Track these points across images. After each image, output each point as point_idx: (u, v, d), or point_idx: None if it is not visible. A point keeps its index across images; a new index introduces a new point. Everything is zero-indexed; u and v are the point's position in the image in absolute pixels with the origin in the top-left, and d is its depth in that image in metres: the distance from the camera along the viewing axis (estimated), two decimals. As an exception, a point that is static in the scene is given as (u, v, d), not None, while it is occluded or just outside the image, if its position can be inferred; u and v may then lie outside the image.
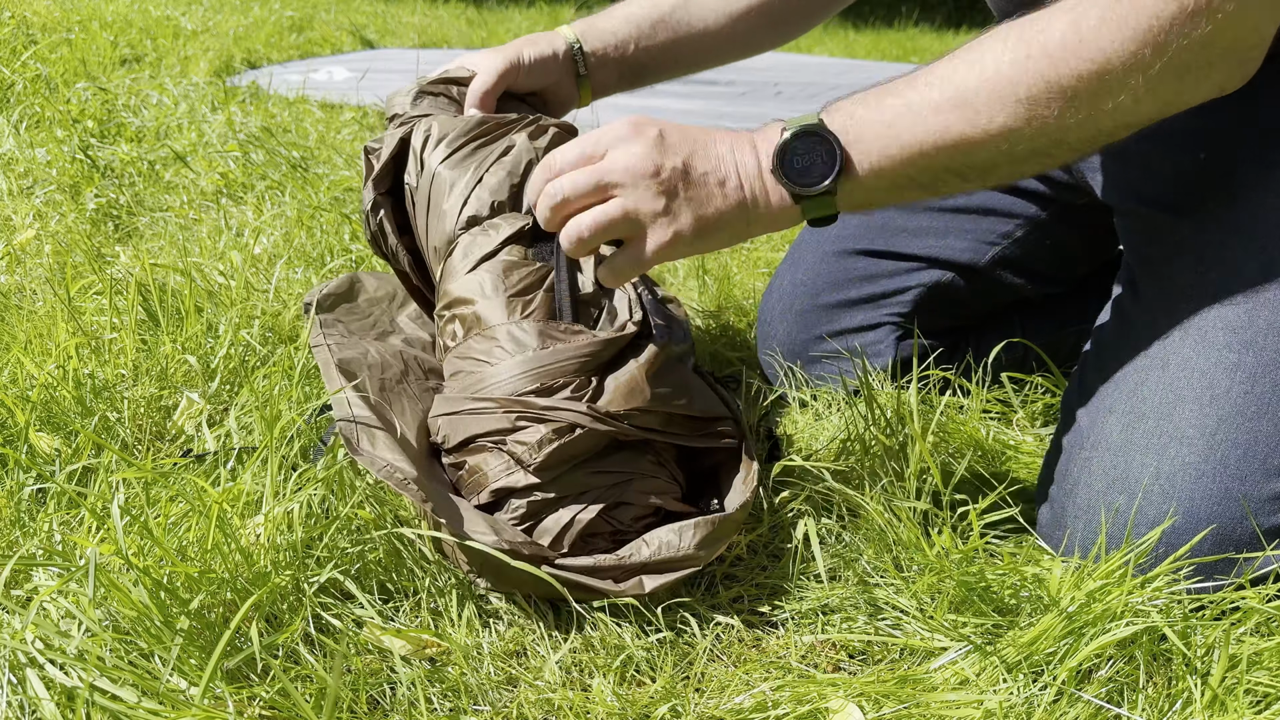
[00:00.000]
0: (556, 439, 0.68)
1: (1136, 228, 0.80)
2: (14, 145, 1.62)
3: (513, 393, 0.71)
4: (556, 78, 0.91)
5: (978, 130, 0.62)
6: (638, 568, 0.66)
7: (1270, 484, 0.65)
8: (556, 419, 0.69)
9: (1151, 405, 0.69)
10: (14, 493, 0.70)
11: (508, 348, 0.73)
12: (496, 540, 0.64)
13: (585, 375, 0.71)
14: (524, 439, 0.69)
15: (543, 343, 0.73)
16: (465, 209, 0.79)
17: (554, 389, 0.70)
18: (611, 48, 0.91)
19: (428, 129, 0.83)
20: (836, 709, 0.58)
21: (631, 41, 0.92)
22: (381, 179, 0.84)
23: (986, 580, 0.65)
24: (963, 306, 0.99)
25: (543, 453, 0.68)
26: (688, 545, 0.67)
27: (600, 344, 0.73)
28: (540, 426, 0.69)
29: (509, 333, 0.74)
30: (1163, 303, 0.72)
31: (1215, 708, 0.57)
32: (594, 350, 0.72)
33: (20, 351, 0.86)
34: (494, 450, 0.70)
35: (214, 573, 0.61)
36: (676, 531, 0.67)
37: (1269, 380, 0.66)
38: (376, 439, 0.68)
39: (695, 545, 0.67)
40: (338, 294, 0.93)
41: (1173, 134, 0.78)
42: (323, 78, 2.64)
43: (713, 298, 1.24)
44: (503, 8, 5.63)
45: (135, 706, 0.52)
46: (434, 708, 0.58)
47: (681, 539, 0.67)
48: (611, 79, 0.93)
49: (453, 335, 0.77)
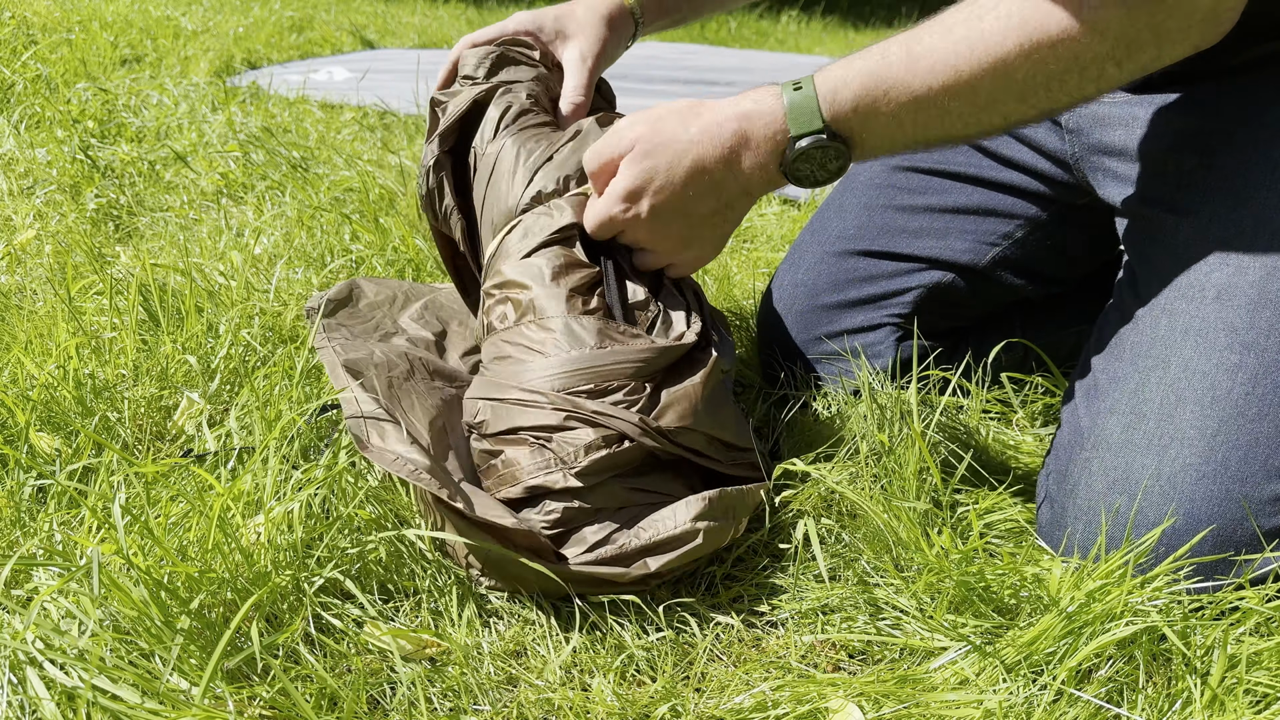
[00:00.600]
0: (605, 447, 0.67)
1: (1138, 228, 0.80)
2: (14, 145, 1.62)
3: (564, 389, 0.69)
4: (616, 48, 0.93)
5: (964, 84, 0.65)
6: (639, 552, 0.66)
7: (1270, 485, 0.65)
8: (607, 425, 0.68)
9: (1152, 406, 0.69)
10: (14, 493, 0.70)
11: (564, 341, 0.72)
12: (516, 521, 0.63)
13: (640, 381, 0.70)
14: (571, 440, 0.68)
15: (600, 342, 0.71)
16: (532, 185, 0.78)
17: (607, 391, 0.69)
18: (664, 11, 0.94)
19: (508, 103, 0.82)
20: (836, 709, 0.58)
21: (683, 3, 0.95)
22: (447, 136, 0.82)
23: (986, 580, 0.65)
24: (963, 307, 0.99)
25: (588, 459, 0.67)
26: (683, 521, 0.66)
27: (658, 350, 0.71)
28: (589, 430, 0.68)
29: (567, 326, 0.72)
30: (1164, 302, 0.72)
31: (1215, 708, 0.57)
32: (651, 356, 0.71)
33: (20, 351, 0.86)
34: (535, 446, 0.69)
35: (214, 573, 0.61)
36: (671, 512, 0.67)
37: (1270, 382, 0.66)
38: (386, 433, 0.68)
39: (691, 519, 0.66)
40: (338, 300, 0.92)
41: (1176, 134, 0.78)
42: (323, 78, 2.63)
43: (713, 298, 1.24)
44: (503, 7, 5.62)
45: (136, 706, 0.52)
46: (434, 707, 0.58)
47: (677, 517, 0.67)
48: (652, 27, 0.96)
49: (502, 317, 0.76)
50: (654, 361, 0.71)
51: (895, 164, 1.00)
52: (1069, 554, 0.70)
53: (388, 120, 2.17)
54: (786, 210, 1.59)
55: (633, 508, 0.68)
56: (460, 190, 0.84)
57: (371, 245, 1.27)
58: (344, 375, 0.75)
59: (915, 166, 0.99)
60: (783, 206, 1.61)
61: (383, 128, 2.11)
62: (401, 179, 1.58)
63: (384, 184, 1.52)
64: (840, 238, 1.00)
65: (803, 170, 0.71)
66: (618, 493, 0.68)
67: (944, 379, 0.93)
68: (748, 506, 0.71)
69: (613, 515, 0.68)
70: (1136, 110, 0.81)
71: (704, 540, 0.66)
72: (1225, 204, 0.72)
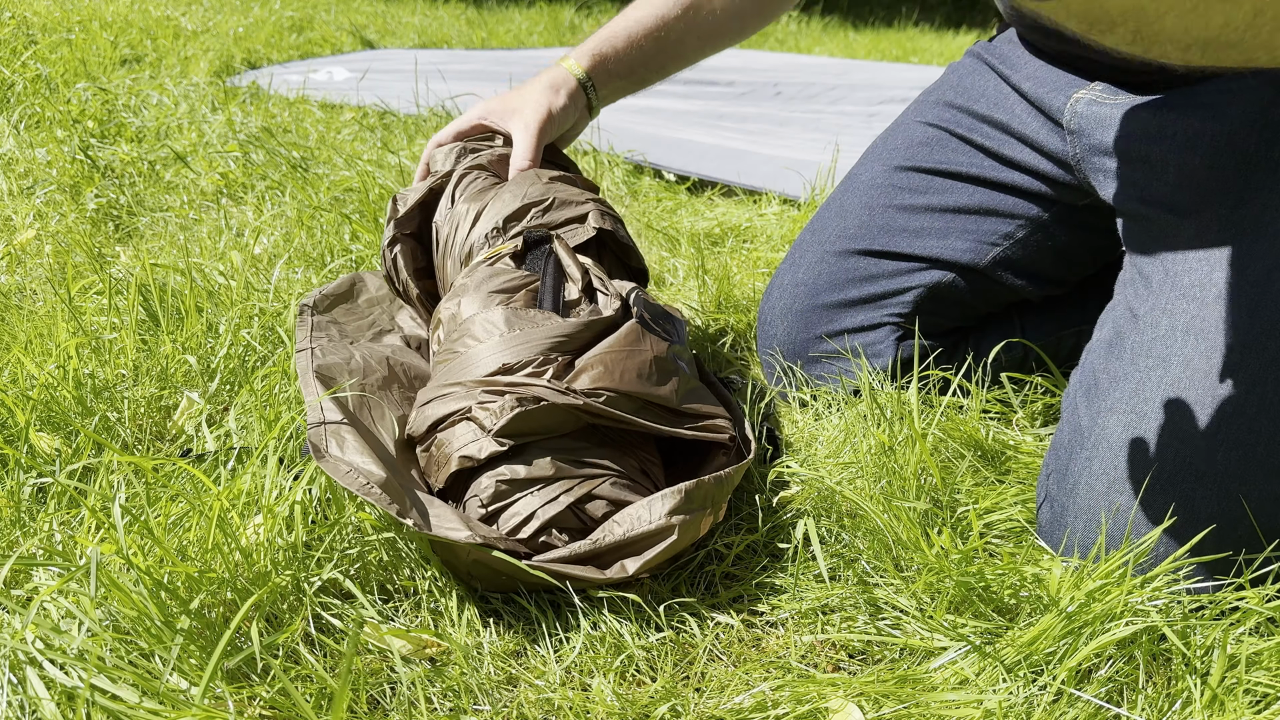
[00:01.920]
0: (519, 406, 0.67)
1: (1140, 228, 0.80)
2: (14, 145, 1.62)
3: (481, 375, 0.70)
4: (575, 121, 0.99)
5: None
6: (614, 549, 0.65)
7: (1271, 485, 0.65)
8: (520, 392, 0.68)
9: (1153, 405, 0.69)
10: (14, 493, 0.70)
11: (479, 335, 0.73)
12: (470, 534, 0.63)
13: (556, 355, 0.71)
14: (489, 408, 0.68)
15: (511, 327, 0.72)
16: (477, 227, 0.85)
17: (523, 368, 0.70)
18: (620, 78, 0.99)
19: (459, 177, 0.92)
20: (836, 709, 0.58)
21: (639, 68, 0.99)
22: (406, 221, 0.92)
23: (986, 580, 0.65)
24: (963, 307, 0.99)
25: (505, 418, 0.67)
26: (658, 516, 0.65)
27: (575, 326, 0.72)
28: (506, 398, 0.68)
29: (482, 320, 0.74)
30: (1164, 302, 0.72)
31: (1214, 707, 0.57)
32: (569, 332, 0.71)
33: (20, 351, 0.86)
34: (461, 423, 0.69)
35: (214, 573, 0.61)
36: (646, 505, 0.66)
37: (1270, 381, 0.66)
38: (346, 443, 0.67)
39: (666, 514, 0.65)
40: (336, 295, 0.92)
41: (1179, 134, 0.78)
42: (323, 78, 2.63)
43: (713, 298, 1.24)
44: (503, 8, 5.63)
45: (135, 706, 0.52)
46: (434, 707, 0.58)
47: (651, 512, 0.66)
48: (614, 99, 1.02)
49: (439, 340, 0.78)
50: (575, 336, 0.72)
51: (897, 164, 1.00)
52: (1069, 554, 0.70)
53: (388, 120, 2.17)
54: (786, 210, 1.59)
55: (567, 480, 0.67)
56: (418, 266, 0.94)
57: (371, 245, 1.27)
58: (313, 382, 0.74)
59: (917, 166, 0.99)
60: (783, 206, 1.61)
61: (383, 128, 2.11)
62: (402, 179, 1.58)
63: (384, 184, 1.52)
64: (841, 237, 1.00)
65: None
66: (550, 463, 0.67)
67: (944, 379, 0.93)
68: (726, 492, 0.70)
69: (545, 486, 0.67)
70: (1137, 111, 0.82)
71: (679, 536, 0.66)
72: (1226, 204, 0.72)
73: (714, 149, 1.91)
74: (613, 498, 0.68)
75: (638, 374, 0.72)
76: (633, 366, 0.72)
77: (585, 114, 0.99)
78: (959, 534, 0.73)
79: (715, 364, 1.09)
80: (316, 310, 0.88)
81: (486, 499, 0.67)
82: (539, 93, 0.95)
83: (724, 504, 0.71)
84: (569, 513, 0.67)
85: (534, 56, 3.66)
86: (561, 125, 0.96)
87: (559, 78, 0.96)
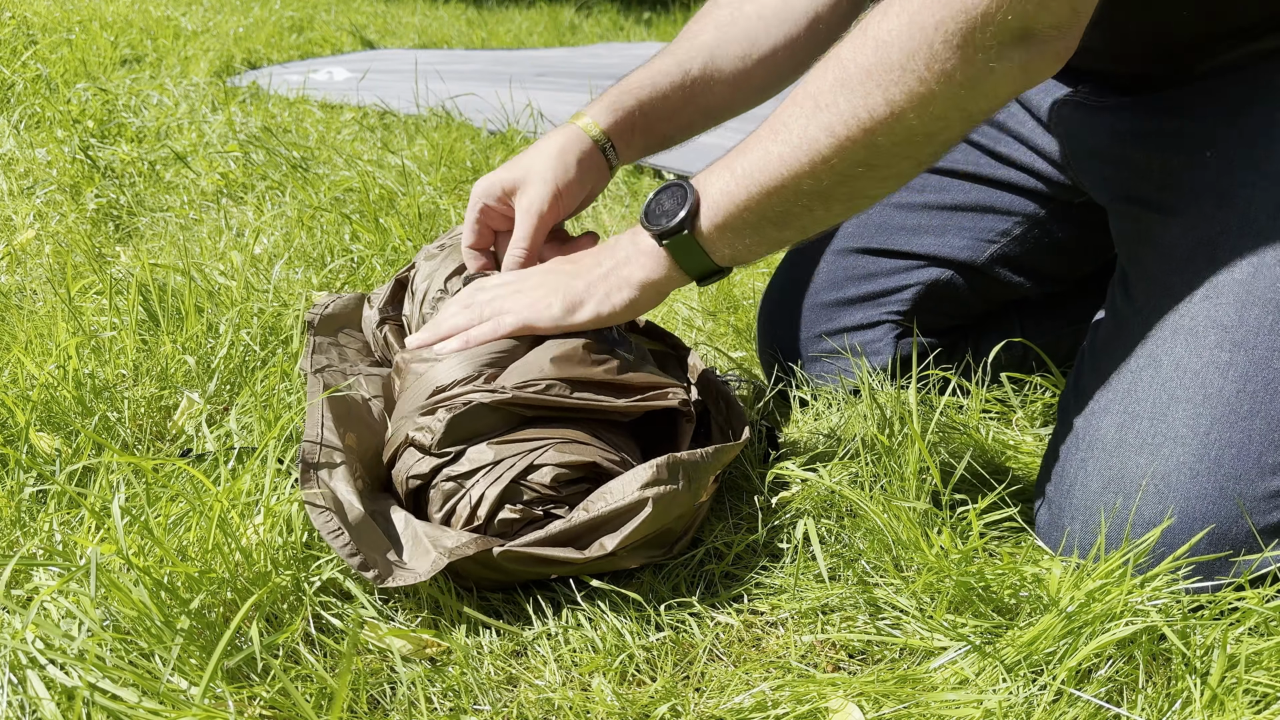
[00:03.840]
0: (450, 413, 0.68)
1: (1128, 228, 0.80)
2: (14, 145, 1.62)
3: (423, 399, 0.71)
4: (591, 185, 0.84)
5: (792, 148, 0.65)
6: (589, 528, 0.65)
7: (1265, 482, 0.65)
8: (450, 404, 0.69)
9: (1145, 405, 0.69)
10: (14, 493, 0.70)
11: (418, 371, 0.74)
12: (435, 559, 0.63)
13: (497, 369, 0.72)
14: (426, 425, 0.69)
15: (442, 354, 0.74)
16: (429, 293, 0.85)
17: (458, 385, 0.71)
18: (640, 128, 0.85)
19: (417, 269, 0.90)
20: (836, 709, 0.58)
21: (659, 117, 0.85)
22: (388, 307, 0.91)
23: (986, 580, 0.65)
24: (962, 305, 0.99)
25: (439, 429, 0.67)
26: (631, 491, 0.65)
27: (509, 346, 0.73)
28: (439, 410, 0.69)
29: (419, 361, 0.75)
30: (1154, 302, 0.72)
31: (1214, 707, 0.57)
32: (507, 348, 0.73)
33: (20, 351, 0.86)
34: (404, 452, 0.71)
35: (214, 573, 0.61)
36: (620, 482, 0.66)
37: (1261, 379, 0.66)
38: (335, 472, 0.68)
39: (639, 488, 0.65)
40: (342, 315, 0.92)
41: (1163, 135, 0.78)
42: (323, 78, 2.63)
43: (713, 298, 1.24)
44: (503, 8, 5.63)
45: (135, 706, 0.52)
46: (434, 707, 0.58)
47: (625, 487, 0.66)
48: (636, 155, 0.88)
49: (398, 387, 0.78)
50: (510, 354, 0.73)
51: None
52: (1068, 554, 0.70)
53: (388, 120, 2.17)
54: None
55: (508, 459, 0.67)
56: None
57: (371, 245, 1.27)
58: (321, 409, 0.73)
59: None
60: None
61: (383, 128, 2.11)
62: (402, 179, 1.58)
63: (384, 184, 1.52)
64: (839, 235, 1.00)
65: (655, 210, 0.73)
66: (487, 451, 0.68)
67: (944, 378, 0.93)
68: (709, 468, 0.70)
69: (489, 471, 0.67)
70: (1121, 113, 0.82)
71: (654, 509, 0.65)
72: (1210, 203, 0.72)
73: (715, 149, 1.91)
74: (558, 461, 0.68)
75: (568, 362, 0.71)
76: (560, 356, 0.72)
77: (605, 174, 0.84)
78: (959, 534, 0.73)
79: (715, 364, 1.10)
80: (319, 330, 0.88)
81: (439, 503, 0.68)
82: (548, 163, 0.81)
83: (708, 483, 0.70)
84: (515, 485, 0.67)
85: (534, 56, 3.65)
86: (578, 197, 0.83)
87: (570, 140, 0.81)
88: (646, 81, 0.84)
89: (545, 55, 3.74)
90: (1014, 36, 0.58)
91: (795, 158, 0.65)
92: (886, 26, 0.61)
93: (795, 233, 0.72)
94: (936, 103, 0.60)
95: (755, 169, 0.67)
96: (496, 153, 1.86)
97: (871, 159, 0.64)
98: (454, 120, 2.10)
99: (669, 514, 0.67)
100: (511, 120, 2.08)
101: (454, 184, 1.65)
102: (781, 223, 0.69)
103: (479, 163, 1.76)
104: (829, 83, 0.64)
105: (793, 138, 0.65)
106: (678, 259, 0.72)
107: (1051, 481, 0.74)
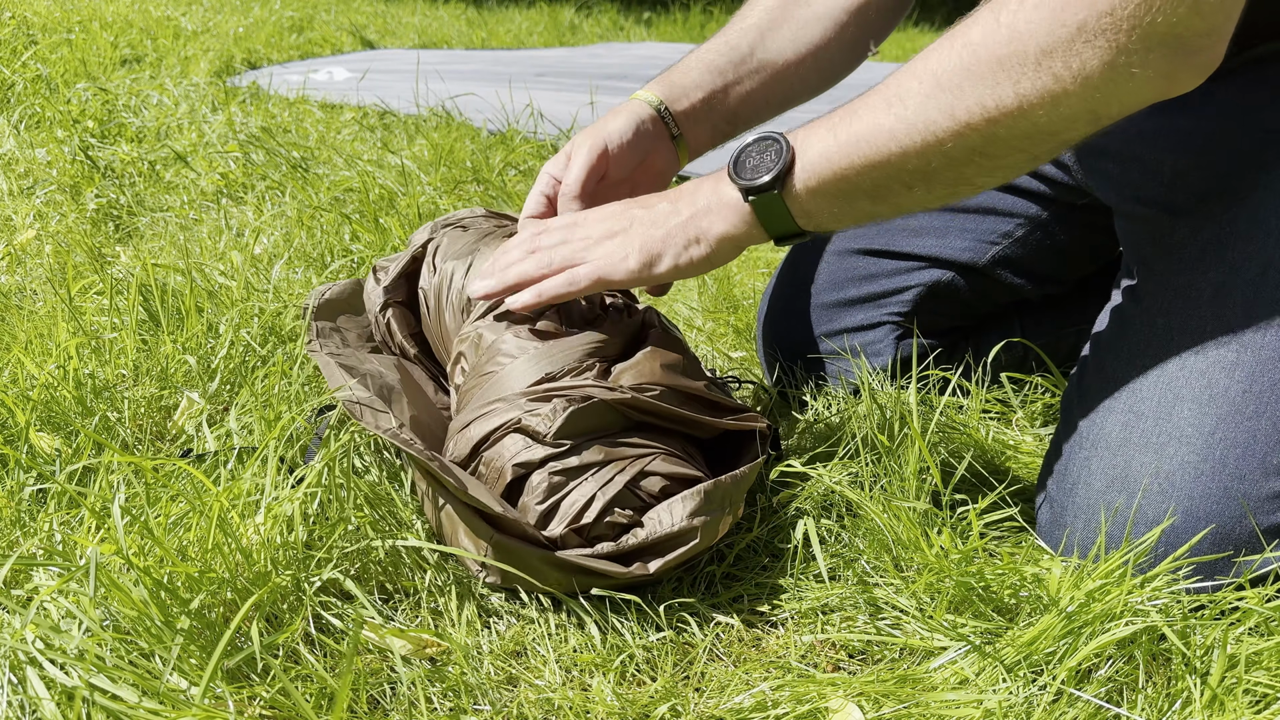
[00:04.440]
0: (571, 405, 0.67)
1: (1135, 228, 0.80)
2: (14, 145, 1.62)
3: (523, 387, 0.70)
4: (648, 150, 0.83)
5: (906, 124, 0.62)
6: (636, 552, 0.66)
7: (1269, 483, 0.65)
8: (569, 394, 0.69)
9: (1150, 405, 0.69)
10: (14, 493, 0.70)
11: (513, 352, 0.73)
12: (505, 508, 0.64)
13: (596, 360, 0.72)
14: (540, 413, 0.68)
15: (545, 339, 0.73)
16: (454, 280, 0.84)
17: (564, 374, 0.71)
18: (699, 101, 0.84)
19: (438, 243, 0.88)
20: (836, 709, 0.58)
21: (719, 90, 0.84)
22: (393, 289, 0.89)
23: (986, 580, 0.65)
24: (963, 306, 0.99)
25: (559, 419, 0.67)
26: (680, 519, 0.66)
27: (608, 331, 0.74)
28: (555, 400, 0.68)
29: (511, 339, 0.74)
30: (1160, 302, 0.72)
31: (1214, 707, 0.57)
32: (603, 338, 0.73)
33: (21, 351, 0.86)
34: (509, 435, 0.69)
35: (214, 573, 0.61)
36: (667, 508, 0.67)
37: (1266, 379, 0.66)
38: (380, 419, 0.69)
39: (687, 516, 0.66)
40: (340, 300, 0.92)
41: (1172, 134, 0.78)
42: (323, 78, 2.64)
43: (713, 298, 1.24)
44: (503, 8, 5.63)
45: (135, 706, 0.52)
46: (434, 707, 0.58)
47: (673, 514, 0.66)
48: (705, 134, 0.86)
49: (461, 371, 0.78)
50: (606, 344, 0.73)
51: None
52: (1068, 553, 0.70)
53: (388, 120, 2.17)
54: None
55: (619, 460, 0.68)
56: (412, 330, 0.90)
57: (371, 245, 1.27)
58: (339, 373, 0.76)
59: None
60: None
61: (383, 128, 2.11)
62: (402, 179, 1.58)
63: (384, 184, 1.52)
64: (840, 236, 1.00)
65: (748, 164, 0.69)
66: (601, 449, 0.68)
67: (944, 379, 0.93)
68: (742, 492, 0.71)
69: (598, 473, 0.67)
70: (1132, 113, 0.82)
71: (701, 538, 0.66)
72: (1219, 203, 0.72)
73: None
74: (666, 472, 0.68)
75: (674, 371, 0.73)
76: (667, 364, 0.73)
77: (665, 141, 0.83)
78: (959, 534, 0.73)
79: (715, 364, 1.09)
80: (319, 315, 0.88)
81: (542, 494, 0.67)
82: (598, 123, 0.82)
83: (741, 503, 0.71)
84: (627, 491, 0.67)
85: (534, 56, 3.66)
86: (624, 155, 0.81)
87: (623, 107, 0.83)
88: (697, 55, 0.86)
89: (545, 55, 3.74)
90: (1161, 42, 0.55)
91: (908, 134, 0.62)
92: (1025, 17, 0.58)
93: (889, 209, 0.69)
94: (1069, 102, 0.58)
95: (861, 138, 0.64)
96: (496, 153, 1.86)
97: (988, 148, 0.62)
98: (454, 120, 2.11)
99: (712, 539, 0.68)
100: (511, 120, 2.09)
101: (454, 184, 1.65)
102: (877, 197, 0.66)
103: (479, 163, 1.76)
104: (954, 64, 0.61)
105: (908, 114, 0.62)
106: (760, 217, 0.69)
107: (1054, 480, 0.74)
